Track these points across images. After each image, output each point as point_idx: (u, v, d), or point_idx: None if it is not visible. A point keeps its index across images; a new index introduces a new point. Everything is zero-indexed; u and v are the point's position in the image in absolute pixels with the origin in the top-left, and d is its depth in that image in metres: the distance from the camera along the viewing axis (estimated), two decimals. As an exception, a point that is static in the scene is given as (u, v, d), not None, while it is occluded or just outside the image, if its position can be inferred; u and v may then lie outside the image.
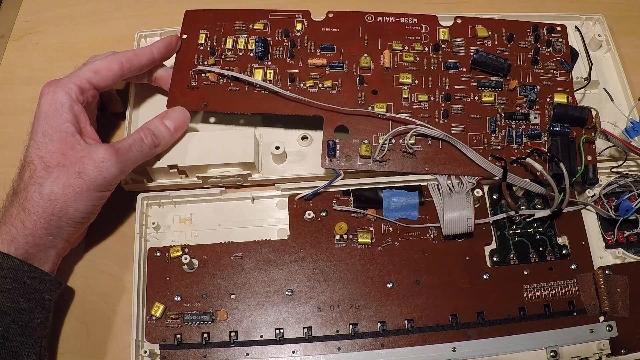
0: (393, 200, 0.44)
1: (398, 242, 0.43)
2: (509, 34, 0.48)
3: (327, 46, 0.48)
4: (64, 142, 0.39)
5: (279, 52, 0.48)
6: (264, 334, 0.41)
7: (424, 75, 0.47)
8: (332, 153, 0.44)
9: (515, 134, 0.45)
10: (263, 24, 0.49)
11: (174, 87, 0.47)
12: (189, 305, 0.41)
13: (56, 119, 0.40)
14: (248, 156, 0.44)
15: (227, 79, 0.47)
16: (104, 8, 0.58)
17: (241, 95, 0.46)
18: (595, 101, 0.50)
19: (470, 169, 0.44)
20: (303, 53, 0.48)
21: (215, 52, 0.48)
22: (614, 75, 0.51)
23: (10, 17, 0.58)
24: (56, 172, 0.39)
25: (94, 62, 0.43)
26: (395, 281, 0.42)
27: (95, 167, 0.39)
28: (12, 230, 0.38)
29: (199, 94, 0.46)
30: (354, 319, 0.41)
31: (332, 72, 0.47)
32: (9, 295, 0.37)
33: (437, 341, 0.41)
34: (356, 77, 0.47)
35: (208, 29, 0.49)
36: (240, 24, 0.49)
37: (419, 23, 0.49)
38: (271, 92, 0.46)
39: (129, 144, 0.41)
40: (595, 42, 0.52)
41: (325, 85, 0.46)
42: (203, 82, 0.47)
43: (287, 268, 0.42)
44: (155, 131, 0.43)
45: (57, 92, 0.40)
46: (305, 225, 0.44)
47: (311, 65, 0.47)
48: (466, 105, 0.46)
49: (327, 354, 0.40)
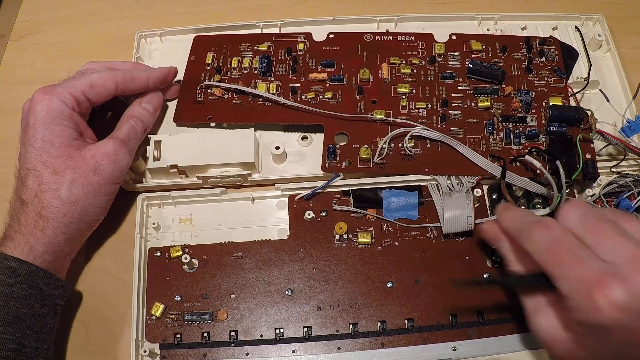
0: (393, 200, 0.44)
1: (398, 242, 0.43)
2: (502, 46, 0.49)
3: (328, 62, 0.49)
4: (69, 146, 0.40)
5: (281, 68, 0.49)
6: (263, 334, 0.41)
7: (422, 85, 0.48)
8: (332, 157, 0.45)
9: (513, 136, 0.45)
10: (267, 45, 0.50)
11: (181, 103, 0.48)
12: (189, 305, 0.41)
13: (57, 125, 0.40)
14: (248, 156, 0.44)
15: (231, 93, 0.48)
16: (104, 8, 0.59)
17: (244, 107, 0.48)
18: (596, 102, 0.50)
19: (469, 169, 0.44)
20: (305, 69, 0.49)
21: (222, 71, 0.49)
22: (613, 75, 0.52)
23: (10, 17, 0.58)
24: (70, 175, 0.39)
25: (91, 75, 0.43)
26: (395, 281, 0.42)
27: (111, 161, 0.40)
28: (30, 240, 0.38)
29: (205, 108, 0.48)
30: (353, 318, 0.41)
31: (332, 85, 0.48)
32: (25, 301, 0.37)
33: (437, 340, 0.41)
34: (356, 88, 0.48)
35: (215, 51, 0.51)
36: (246, 46, 0.51)
37: (415, 40, 0.51)
38: (274, 103, 0.47)
39: (127, 132, 0.42)
40: (595, 42, 0.53)
41: (326, 96, 0.47)
42: (209, 97, 0.48)
43: (287, 268, 0.42)
44: (140, 116, 0.44)
45: (53, 100, 0.40)
46: (305, 225, 0.44)
47: (312, 79, 0.48)
48: (463, 111, 0.47)
49: (327, 354, 0.40)
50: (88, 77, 0.42)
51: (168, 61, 0.50)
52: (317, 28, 0.52)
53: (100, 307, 0.43)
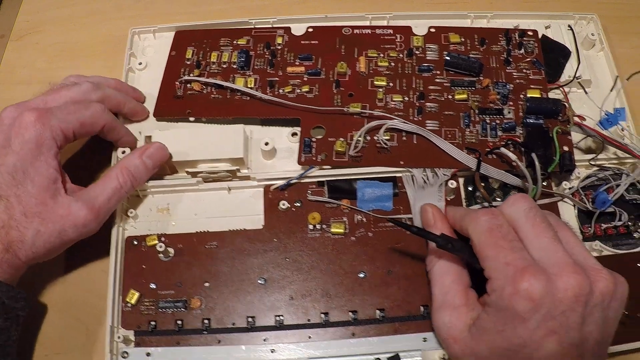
0: (367, 191, 0.44)
1: (371, 233, 0.43)
2: (481, 39, 0.49)
3: (306, 56, 0.50)
4: (46, 190, 0.38)
5: (260, 63, 0.50)
6: (235, 322, 0.41)
7: (399, 78, 0.48)
8: (307, 150, 0.45)
9: (489, 128, 0.45)
10: (246, 40, 0.51)
11: (161, 98, 0.49)
12: (163, 293, 0.42)
13: (41, 162, 0.38)
14: (237, 152, 0.44)
15: (210, 87, 0.49)
16: (103, 8, 0.59)
17: (223, 102, 0.48)
18: (587, 100, 0.49)
19: (445, 161, 0.44)
20: (283, 63, 0.50)
21: (201, 65, 0.50)
22: (606, 74, 0.51)
23: (10, 17, 0.59)
24: (36, 224, 0.37)
25: (84, 112, 0.41)
26: (368, 271, 0.42)
27: (77, 230, 0.39)
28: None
29: (184, 102, 0.48)
30: (325, 308, 0.41)
31: (310, 79, 0.49)
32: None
33: (408, 331, 0.41)
34: (333, 82, 0.48)
35: (195, 46, 0.51)
36: (226, 40, 0.51)
37: (394, 33, 0.51)
38: (251, 97, 0.48)
39: (108, 197, 0.40)
40: (589, 41, 0.52)
41: (303, 90, 0.48)
42: (188, 92, 0.49)
43: (260, 257, 0.43)
44: (135, 171, 0.42)
45: (45, 132, 0.38)
46: (280, 215, 0.44)
47: (290, 73, 0.49)
48: (440, 103, 0.47)
49: (297, 342, 0.41)
50: (80, 114, 0.40)
51: (161, 57, 0.51)
52: (307, 25, 0.52)
53: (97, 304, 0.43)
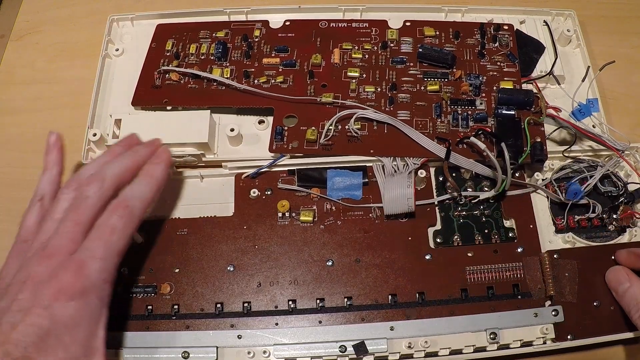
0: (337, 180, 0.44)
1: (340, 221, 0.44)
2: (455, 32, 0.50)
3: (282, 47, 0.50)
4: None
5: (237, 54, 0.50)
6: (204, 308, 0.41)
7: (372, 70, 0.49)
8: (279, 138, 0.46)
9: (460, 118, 0.45)
10: (225, 32, 0.52)
11: (140, 87, 0.50)
12: (134, 278, 0.43)
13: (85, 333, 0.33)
14: (202, 137, 0.45)
15: (188, 77, 0.50)
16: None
17: (199, 91, 0.49)
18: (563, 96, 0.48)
19: (415, 151, 0.44)
20: (259, 54, 0.50)
21: (180, 56, 0.51)
22: (582, 70, 0.51)
23: (10, 17, 0.59)
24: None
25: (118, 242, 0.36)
26: (336, 259, 0.42)
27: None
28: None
29: (162, 92, 0.49)
30: (292, 295, 0.41)
31: (284, 70, 0.49)
32: None
33: (375, 320, 0.41)
34: (307, 73, 0.49)
35: (176, 38, 0.52)
36: (205, 33, 0.52)
37: (369, 27, 0.51)
38: (227, 87, 0.48)
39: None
40: (565, 37, 0.52)
41: (278, 80, 0.48)
42: (166, 82, 0.50)
43: (230, 244, 0.43)
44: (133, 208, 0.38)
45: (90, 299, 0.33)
46: (250, 203, 0.44)
47: (266, 64, 0.50)
48: (412, 94, 0.47)
49: (264, 329, 0.41)
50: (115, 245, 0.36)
51: (138, 44, 0.52)
52: (282, 16, 0.53)
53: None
